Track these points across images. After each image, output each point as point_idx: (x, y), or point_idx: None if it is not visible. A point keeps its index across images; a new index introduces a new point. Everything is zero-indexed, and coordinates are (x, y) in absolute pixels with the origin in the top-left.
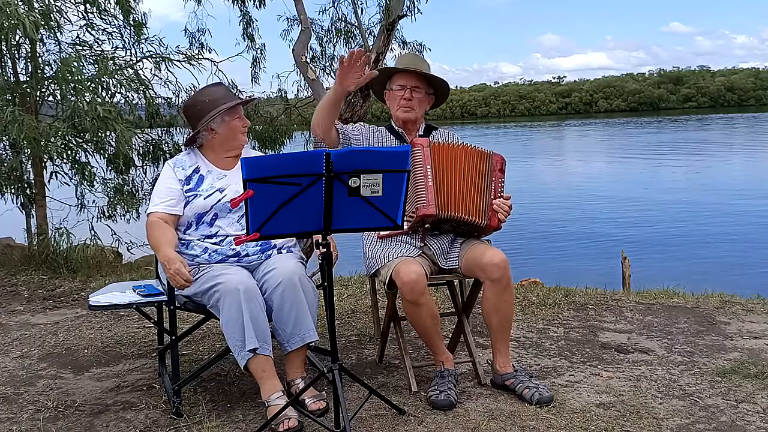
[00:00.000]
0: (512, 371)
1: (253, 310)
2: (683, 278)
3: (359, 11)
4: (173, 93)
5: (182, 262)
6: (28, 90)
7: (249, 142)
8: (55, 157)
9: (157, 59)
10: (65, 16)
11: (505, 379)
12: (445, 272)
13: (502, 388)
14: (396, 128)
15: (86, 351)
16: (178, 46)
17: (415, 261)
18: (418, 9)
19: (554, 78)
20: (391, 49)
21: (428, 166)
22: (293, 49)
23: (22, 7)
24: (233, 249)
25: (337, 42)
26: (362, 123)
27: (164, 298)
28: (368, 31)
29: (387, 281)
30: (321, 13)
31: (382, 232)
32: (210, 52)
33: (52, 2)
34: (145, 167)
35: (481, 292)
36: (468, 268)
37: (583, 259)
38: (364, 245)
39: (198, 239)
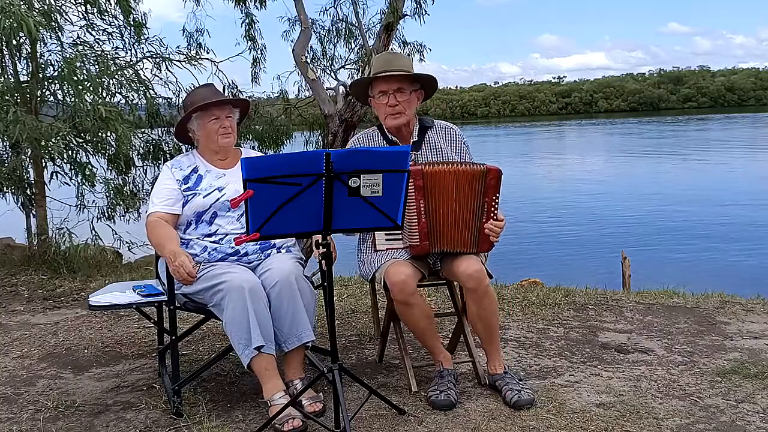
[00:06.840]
0: (502, 373)
1: (258, 309)
2: (683, 278)
3: (360, 12)
4: (173, 93)
5: (187, 256)
6: (28, 90)
7: (245, 143)
8: (56, 158)
9: (158, 59)
10: (66, 17)
11: (495, 380)
12: None
13: (494, 389)
14: (389, 136)
15: (86, 351)
16: (178, 47)
17: (406, 262)
18: (426, 11)
19: (554, 78)
20: (392, 50)
21: (421, 201)
22: (293, 50)
23: (23, 6)
24: (233, 248)
25: (337, 42)
26: (355, 138)
27: (164, 298)
28: (368, 32)
29: (382, 283)
30: (321, 13)
31: (378, 246)
32: (207, 53)
33: (53, 2)
34: (145, 167)
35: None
36: (447, 276)
37: (583, 259)
38: (358, 255)
39: (197, 238)
